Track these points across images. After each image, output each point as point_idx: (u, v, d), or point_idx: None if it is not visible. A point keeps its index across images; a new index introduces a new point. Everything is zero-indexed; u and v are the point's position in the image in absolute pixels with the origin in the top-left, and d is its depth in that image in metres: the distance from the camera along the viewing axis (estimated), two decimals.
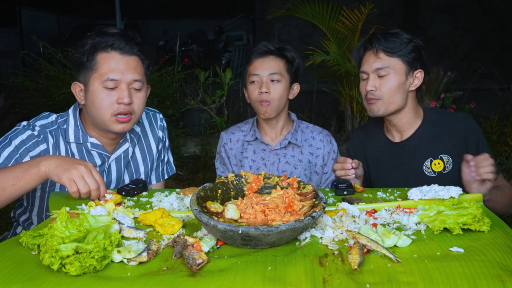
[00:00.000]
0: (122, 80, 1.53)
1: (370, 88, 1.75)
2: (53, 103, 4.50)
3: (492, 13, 8.05)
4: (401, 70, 1.74)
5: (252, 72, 1.95)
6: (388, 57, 1.73)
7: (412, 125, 1.82)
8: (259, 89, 1.92)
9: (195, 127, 5.60)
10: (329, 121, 5.63)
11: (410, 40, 1.75)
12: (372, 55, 1.76)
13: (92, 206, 1.27)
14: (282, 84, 1.94)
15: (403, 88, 1.75)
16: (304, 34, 8.42)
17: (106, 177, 1.70)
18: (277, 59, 1.96)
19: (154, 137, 1.83)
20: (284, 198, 1.16)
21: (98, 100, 1.53)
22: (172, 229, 1.12)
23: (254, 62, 1.97)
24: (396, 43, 1.73)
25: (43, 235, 1.01)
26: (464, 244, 1.03)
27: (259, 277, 0.90)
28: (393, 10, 7.92)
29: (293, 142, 2.02)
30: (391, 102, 1.75)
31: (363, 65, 1.80)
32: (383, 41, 1.73)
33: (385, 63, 1.73)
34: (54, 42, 7.00)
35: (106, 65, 1.53)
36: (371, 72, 1.75)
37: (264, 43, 1.99)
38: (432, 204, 1.19)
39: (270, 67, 1.94)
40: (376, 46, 1.74)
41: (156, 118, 1.86)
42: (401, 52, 1.73)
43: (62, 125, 1.62)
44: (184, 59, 10.51)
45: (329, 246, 1.04)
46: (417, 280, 0.87)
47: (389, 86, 1.73)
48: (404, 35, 1.76)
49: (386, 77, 1.73)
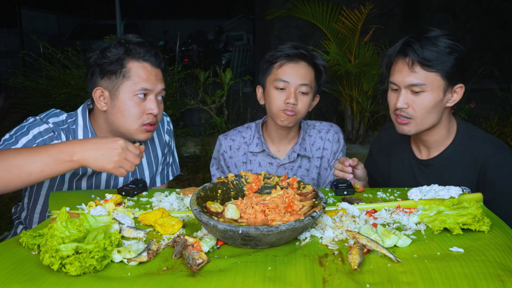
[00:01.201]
0: (153, 90, 1.55)
1: (402, 106, 1.52)
2: (53, 103, 4.50)
3: (492, 13, 8.05)
4: (438, 86, 1.49)
5: (281, 77, 1.74)
6: (425, 71, 1.48)
7: (442, 143, 1.62)
8: (286, 98, 1.73)
9: (195, 127, 5.60)
10: (329, 121, 5.63)
11: (452, 50, 1.48)
12: (406, 67, 1.50)
13: (92, 206, 1.27)
14: (309, 97, 1.77)
15: (440, 106, 1.52)
16: (304, 34, 8.42)
17: (113, 181, 1.70)
18: (308, 67, 1.77)
19: (160, 141, 1.83)
20: (284, 198, 1.15)
21: (127, 108, 1.53)
22: (172, 229, 1.12)
23: (284, 66, 1.75)
24: (435, 54, 1.47)
25: (43, 235, 1.01)
26: (464, 244, 1.03)
27: (259, 277, 0.90)
28: (393, 10, 7.92)
29: (302, 154, 1.87)
30: (424, 122, 1.54)
31: (394, 75, 1.55)
32: (419, 51, 1.47)
33: (421, 79, 1.48)
34: (54, 42, 7.01)
35: (139, 75, 1.53)
36: (403, 87, 1.52)
37: (296, 45, 1.78)
38: (432, 204, 1.19)
39: (302, 77, 1.74)
40: (411, 57, 1.49)
41: (163, 122, 1.85)
42: (440, 66, 1.47)
43: (72, 125, 1.61)
44: (184, 59, 10.52)
45: (329, 246, 1.04)
46: (417, 280, 0.87)
47: (423, 105, 1.50)
48: (444, 41, 1.48)
49: (421, 94, 1.50)
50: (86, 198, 1.37)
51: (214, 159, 1.99)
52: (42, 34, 9.79)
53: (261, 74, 1.84)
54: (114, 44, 1.56)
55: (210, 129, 5.49)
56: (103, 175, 1.67)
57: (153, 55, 1.56)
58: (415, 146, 1.70)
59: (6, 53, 10.86)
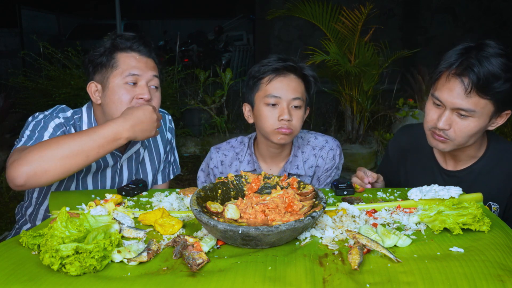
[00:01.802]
0: (143, 76, 1.56)
1: (443, 127, 1.41)
2: (53, 103, 4.50)
3: (492, 13, 8.05)
4: (487, 113, 1.39)
5: (271, 93, 1.64)
6: (478, 97, 1.35)
7: (472, 157, 1.54)
8: (279, 115, 1.64)
9: (195, 127, 5.60)
10: (329, 121, 5.63)
11: (510, 76, 1.34)
12: (459, 89, 1.36)
13: (92, 206, 1.27)
14: (302, 111, 1.69)
15: (482, 130, 1.43)
16: (304, 34, 8.42)
17: (118, 177, 1.71)
18: (298, 80, 1.68)
19: (163, 139, 1.84)
20: (284, 198, 1.15)
21: (118, 97, 1.54)
22: (172, 229, 1.12)
23: (273, 80, 1.66)
24: (495, 81, 1.33)
25: (43, 235, 1.01)
26: (464, 244, 1.03)
27: (259, 277, 0.90)
28: (393, 10, 7.92)
29: (293, 172, 1.77)
30: (462, 144, 1.45)
31: (443, 92, 1.41)
32: (481, 76, 1.32)
33: (473, 105, 1.36)
34: (54, 42, 7.01)
35: (126, 63, 1.56)
36: (449, 108, 1.40)
37: (282, 57, 1.69)
38: (432, 204, 1.19)
39: (293, 90, 1.65)
40: (471, 79, 1.34)
41: (165, 120, 1.86)
42: (495, 94, 1.35)
43: (78, 122, 1.63)
44: (184, 59, 10.53)
45: (329, 246, 1.04)
46: (417, 280, 0.87)
47: (467, 130, 1.40)
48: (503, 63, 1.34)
49: (467, 118, 1.39)
50: (86, 198, 1.37)
51: (201, 172, 1.90)
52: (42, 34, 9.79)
53: (248, 91, 1.74)
54: (105, 40, 1.60)
55: (210, 129, 5.49)
56: (108, 172, 1.68)
57: (142, 44, 1.58)
58: (440, 156, 1.62)
59: (6, 53, 10.86)
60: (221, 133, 5.46)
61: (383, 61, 4.66)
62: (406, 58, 5.04)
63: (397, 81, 5.59)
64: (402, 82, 5.89)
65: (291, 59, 1.70)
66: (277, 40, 8.98)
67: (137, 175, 1.77)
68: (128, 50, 1.57)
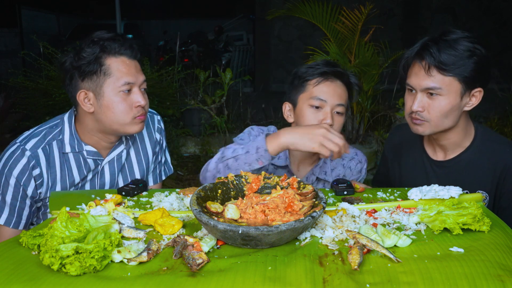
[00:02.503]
0: (136, 82, 1.57)
1: (417, 109, 1.51)
2: (53, 103, 4.50)
3: (492, 13, 8.06)
4: (456, 90, 1.46)
5: (318, 96, 1.66)
6: (441, 75, 1.45)
7: (459, 145, 1.60)
8: (322, 118, 1.64)
9: (195, 127, 5.60)
10: None
11: (472, 54, 1.43)
12: (422, 70, 1.48)
13: (92, 206, 1.27)
14: (343, 118, 1.70)
15: (456, 110, 1.50)
16: (304, 34, 8.42)
17: (99, 180, 1.69)
18: (343, 87, 1.70)
19: (151, 140, 1.82)
20: (284, 198, 1.15)
21: (115, 105, 1.54)
22: (172, 229, 1.12)
23: (321, 83, 1.67)
24: (453, 58, 1.43)
25: (43, 235, 1.01)
26: (464, 244, 1.03)
27: (259, 277, 0.90)
28: (393, 10, 7.92)
29: (321, 177, 1.77)
30: (439, 125, 1.52)
31: (411, 77, 1.53)
32: (437, 55, 1.43)
33: (437, 83, 1.46)
34: (54, 42, 7.02)
35: (120, 70, 1.54)
36: (419, 90, 1.50)
37: (331, 62, 1.73)
38: (432, 204, 1.19)
39: (339, 96, 1.67)
40: (428, 61, 1.45)
41: (153, 120, 1.85)
42: (458, 70, 1.43)
43: (58, 136, 1.60)
44: (184, 59, 10.54)
45: (329, 246, 1.04)
46: (417, 280, 0.87)
47: (439, 109, 1.48)
48: (464, 44, 1.44)
49: (437, 97, 1.48)
50: (86, 198, 1.37)
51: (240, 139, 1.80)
52: (42, 34, 9.79)
53: (292, 91, 1.74)
54: (85, 44, 1.55)
55: (210, 129, 5.49)
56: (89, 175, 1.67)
57: (128, 48, 1.57)
58: (430, 147, 1.68)
59: (6, 53, 10.86)
60: (221, 133, 5.46)
61: (383, 61, 4.67)
62: None
63: (397, 81, 5.59)
64: (402, 82, 5.89)
65: (339, 65, 1.73)
66: (277, 40, 8.99)
67: (123, 177, 1.75)
68: (117, 55, 1.55)
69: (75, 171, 1.63)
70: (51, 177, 1.59)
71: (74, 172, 1.63)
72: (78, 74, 1.54)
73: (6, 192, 1.55)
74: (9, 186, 1.54)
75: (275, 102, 6.15)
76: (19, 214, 1.56)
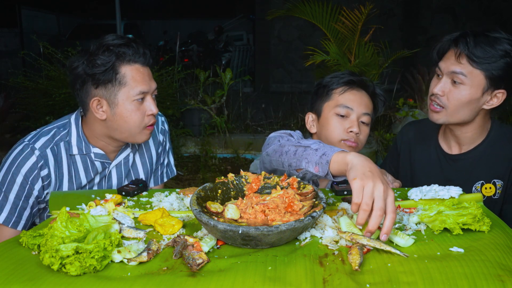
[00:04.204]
0: (149, 91, 1.57)
1: (437, 92, 1.53)
2: (53, 103, 4.50)
3: (492, 13, 8.06)
4: (479, 84, 1.49)
5: (344, 104, 1.65)
6: (470, 65, 1.48)
7: (475, 140, 1.63)
8: (349, 126, 1.63)
9: (195, 127, 5.60)
10: None
11: (506, 55, 1.46)
12: (453, 56, 1.51)
13: (92, 206, 1.27)
14: (369, 128, 1.68)
15: (475, 104, 1.52)
16: (304, 34, 8.42)
17: (106, 183, 1.70)
18: (369, 97, 1.71)
19: (154, 141, 1.82)
20: (284, 198, 1.15)
21: (128, 114, 1.54)
22: (172, 229, 1.12)
23: (347, 92, 1.67)
24: (486, 53, 1.45)
25: (43, 235, 1.01)
26: (464, 244, 1.03)
27: (259, 277, 0.90)
28: (393, 10, 7.92)
29: None
30: (455, 114, 1.54)
31: (441, 61, 1.56)
32: (471, 45, 1.46)
33: (464, 70, 1.48)
34: (54, 42, 7.02)
35: (134, 78, 1.53)
36: (445, 74, 1.53)
37: (354, 73, 1.73)
38: (432, 204, 1.19)
39: (365, 105, 1.67)
40: (461, 48, 1.48)
41: (157, 121, 1.84)
42: (487, 65, 1.46)
43: (65, 138, 1.60)
44: (184, 59, 10.54)
45: (329, 246, 1.04)
46: (417, 280, 0.87)
47: (458, 97, 1.51)
48: (503, 45, 1.46)
49: (459, 86, 1.50)
50: (86, 198, 1.37)
51: None
52: (42, 34, 9.80)
53: (316, 100, 1.72)
54: (99, 50, 1.50)
55: (210, 129, 5.49)
56: (96, 178, 1.67)
57: (142, 55, 1.55)
58: (445, 142, 1.71)
59: (6, 53, 10.86)
60: (221, 133, 5.46)
61: (383, 61, 4.66)
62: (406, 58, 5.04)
63: (397, 81, 5.59)
64: (402, 82, 5.89)
65: (363, 76, 1.72)
66: (277, 40, 8.99)
67: (129, 180, 1.75)
68: (132, 62, 1.53)
69: (82, 173, 1.63)
70: (59, 178, 1.59)
71: (81, 175, 1.63)
72: (92, 81, 1.51)
73: (10, 190, 1.54)
74: (15, 184, 1.54)
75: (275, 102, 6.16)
76: (19, 214, 1.56)
